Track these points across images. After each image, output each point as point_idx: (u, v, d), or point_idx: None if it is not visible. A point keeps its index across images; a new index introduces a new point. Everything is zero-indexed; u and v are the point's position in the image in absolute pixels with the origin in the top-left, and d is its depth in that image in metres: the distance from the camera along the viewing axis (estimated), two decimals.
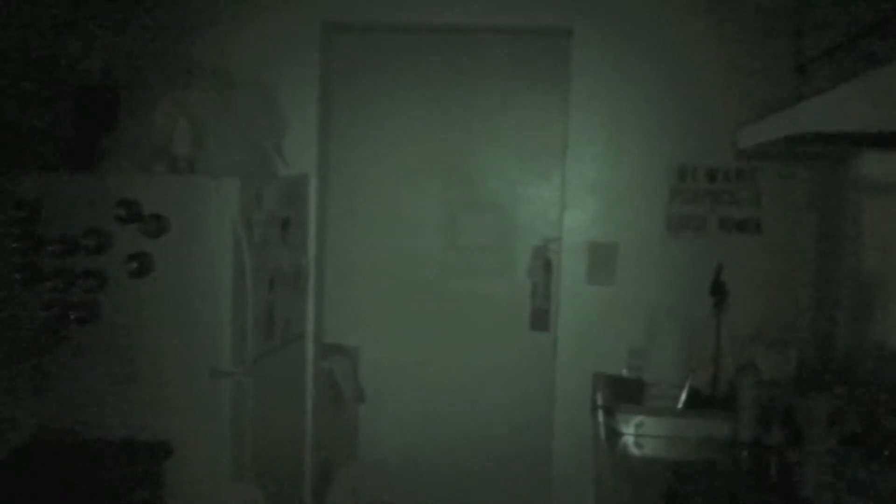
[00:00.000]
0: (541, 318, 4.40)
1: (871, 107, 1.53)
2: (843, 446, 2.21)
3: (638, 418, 2.85)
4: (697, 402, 3.05)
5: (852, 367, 2.86)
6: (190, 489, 3.00)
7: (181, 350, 3.00)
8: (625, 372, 3.52)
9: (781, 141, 1.87)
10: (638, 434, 2.83)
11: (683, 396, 3.05)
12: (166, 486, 2.95)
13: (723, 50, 3.48)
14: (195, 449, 3.00)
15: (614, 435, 2.83)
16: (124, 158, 3.25)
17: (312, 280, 3.79)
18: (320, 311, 3.91)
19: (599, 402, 3.19)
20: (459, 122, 4.51)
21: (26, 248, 2.98)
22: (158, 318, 3.00)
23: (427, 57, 4.48)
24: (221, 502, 3.02)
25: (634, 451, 2.75)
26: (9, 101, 3.32)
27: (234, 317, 2.98)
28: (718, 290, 3.22)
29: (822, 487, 2.17)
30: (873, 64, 1.64)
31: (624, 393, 3.23)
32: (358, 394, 4.49)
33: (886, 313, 2.65)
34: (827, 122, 1.56)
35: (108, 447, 2.94)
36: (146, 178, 3.08)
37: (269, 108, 3.61)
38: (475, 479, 4.56)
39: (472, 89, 4.47)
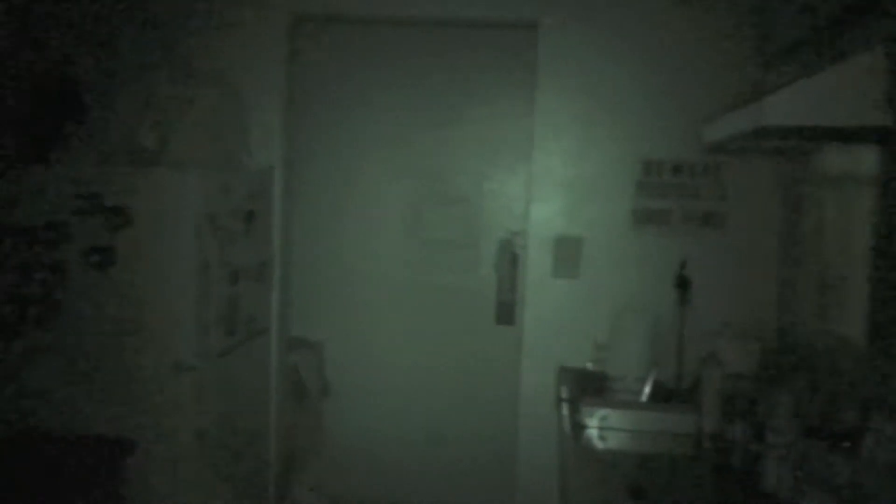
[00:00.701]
0: (506, 312, 4.40)
1: (832, 101, 1.54)
2: (805, 438, 2.23)
3: (602, 411, 2.86)
4: (661, 396, 3.08)
5: (814, 360, 2.89)
6: (153, 484, 2.97)
7: (144, 344, 2.97)
8: (589, 365, 3.53)
9: (746, 135, 1.88)
10: (602, 427, 2.84)
11: (647, 389, 3.07)
12: (129, 481, 2.92)
13: (689, 44, 3.50)
14: (158, 444, 2.97)
15: (578, 428, 2.84)
16: (89, 151, 3.20)
17: (277, 274, 3.77)
18: (285, 305, 3.89)
19: (564, 395, 3.19)
20: (426, 116, 4.50)
21: None
22: (120, 312, 2.96)
23: (394, 50, 4.47)
24: (185, 497, 2.99)
25: (598, 443, 2.76)
26: None
27: (198, 311, 2.96)
28: (683, 284, 3.23)
29: (784, 479, 2.19)
30: (837, 59, 1.65)
31: (588, 386, 3.24)
32: (323, 388, 4.47)
33: (847, 306, 2.68)
34: (789, 117, 1.57)
35: (70, 443, 2.90)
36: (108, 171, 3.04)
37: (235, 102, 3.58)
38: (440, 472, 4.56)
39: (438, 83, 4.46)
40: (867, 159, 2.49)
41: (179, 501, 2.99)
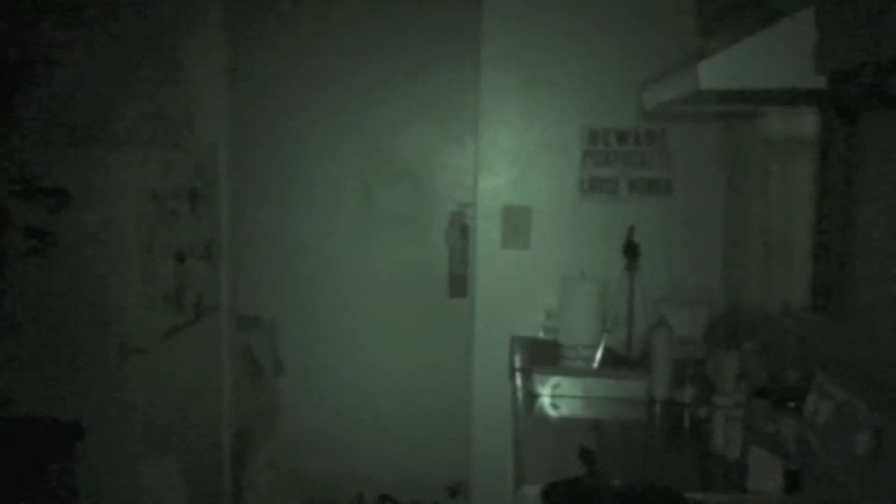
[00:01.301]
0: (459, 284, 4.41)
1: (765, 64, 1.55)
2: (750, 399, 2.26)
3: (554, 379, 2.87)
4: (612, 362, 3.10)
5: (759, 323, 2.93)
6: (103, 467, 2.94)
7: (89, 327, 2.92)
8: (541, 334, 3.54)
9: (683, 100, 1.88)
10: (554, 395, 2.86)
11: (598, 356, 3.09)
12: (78, 465, 2.88)
13: (632, 11, 3.50)
14: (108, 427, 2.94)
15: (532, 397, 2.85)
16: (21, 131, 3.13)
17: (225, 252, 3.73)
18: (235, 283, 3.85)
19: (517, 364, 3.21)
20: (373, 90, 4.47)
21: None
22: (64, 295, 2.91)
23: (338, 22, 4.43)
24: (136, 480, 2.97)
25: (551, 411, 2.77)
26: None
27: (143, 291, 2.92)
28: (631, 251, 3.25)
29: (731, 440, 2.22)
30: (770, 22, 1.65)
31: (541, 355, 3.25)
32: (276, 366, 4.45)
33: (791, 270, 2.71)
34: (725, 80, 1.58)
35: (17, 427, 2.85)
36: (45, 151, 2.97)
37: (176, 77, 3.51)
38: (397, 446, 4.57)
39: (383, 55, 4.44)
40: (806, 122, 2.51)
41: (132, 484, 2.96)
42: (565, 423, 2.70)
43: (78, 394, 2.94)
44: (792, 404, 2.14)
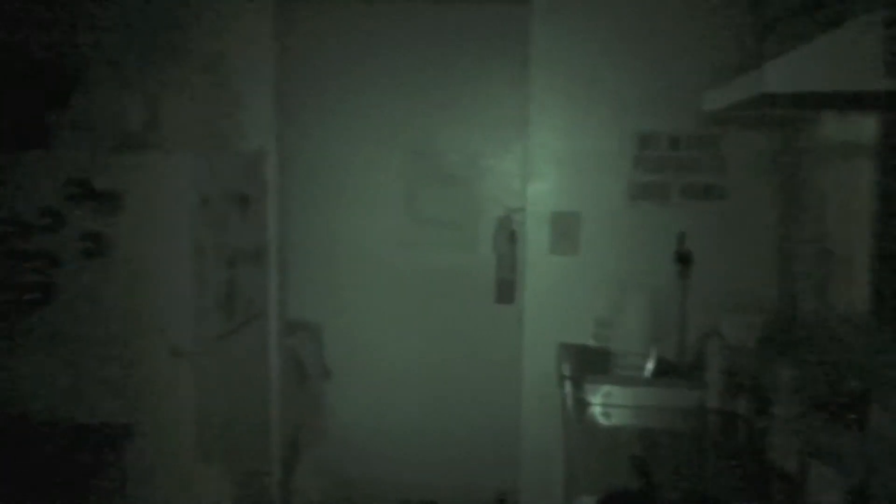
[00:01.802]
0: (506, 290, 4.39)
1: (835, 66, 1.51)
2: (809, 411, 2.21)
3: (605, 388, 2.84)
4: (664, 371, 3.05)
5: (816, 332, 2.87)
6: (154, 471, 2.96)
7: (141, 330, 2.94)
8: (591, 342, 3.50)
9: (746, 103, 1.84)
10: (605, 404, 2.82)
11: (650, 365, 3.04)
12: (129, 469, 2.90)
13: (684, 14, 3.45)
14: (158, 430, 2.95)
15: (582, 405, 2.82)
16: (77, 136, 3.16)
17: (274, 257, 3.74)
18: (283, 287, 3.86)
19: (566, 372, 3.17)
20: (419, 95, 4.47)
21: None
22: (116, 298, 2.93)
23: (384, 29, 4.43)
24: (186, 483, 2.98)
25: (602, 420, 2.74)
26: None
27: (194, 295, 2.93)
28: (683, 258, 3.21)
29: (789, 453, 2.17)
30: (834, 24, 1.61)
31: (591, 363, 3.22)
32: (323, 371, 4.46)
33: (849, 277, 2.65)
34: (791, 83, 1.54)
35: (68, 431, 2.88)
36: (99, 156, 3.00)
37: (225, 84, 3.53)
38: (444, 452, 4.56)
39: (431, 61, 4.43)
40: (868, 127, 2.45)
41: (182, 488, 2.97)
42: (616, 433, 2.67)
43: (129, 397, 2.96)
44: (853, 416, 2.08)
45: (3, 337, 2.95)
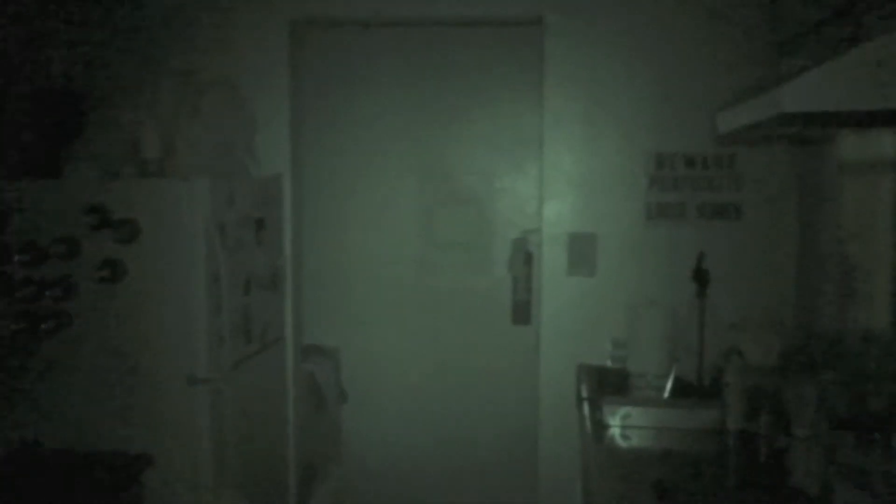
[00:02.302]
0: (522, 312, 4.37)
1: (854, 85, 1.50)
2: (833, 431, 2.18)
3: (624, 409, 2.82)
4: (683, 391, 3.03)
5: (838, 351, 2.84)
6: (171, 499, 2.94)
7: (157, 358, 2.94)
8: (609, 363, 3.48)
9: (762, 124, 1.83)
10: (624, 425, 2.80)
11: (669, 386, 3.02)
12: (147, 496, 2.89)
13: (698, 33, 3.45)
14: (175, 458, 2.94)
15: (600, 427, 2.80)
16: (91, 164, 3.18)
17: (290, 281, 3.73)
18: (299, 312, 3.86)
19: (584, 393, 3.16)
20: (433, 117, 4.48)
21: None
22: (133, 325, 2.93)
23: (397, 52, 4.45)
24: None
25: (621, 442, 2.72)
26: None
27: (210, 322, 2.92)
28: (701, 278, 3.19)
29: (812, 474, 2.15)
30: (852, 43, 1.60)
31: (609, 384, 3.20)
32: (340, 394, 4.45)
33: (870, 295, 2.63)
34: (810, 102, 1.53)
35: (85, 459, 2.88)
36: (115, 183, 3.01)
37: (239, 108, 3.54)
38: (461, 476, 4.53)
39: (444, 83, 4.44)
40: (887, 144, 2.44)
41: None
42: (636, 454, 2.64)
43: (145, 425, 2.95)
44: (877, 435, 2.06)
45: (19, 365, 2.96)
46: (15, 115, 3.31)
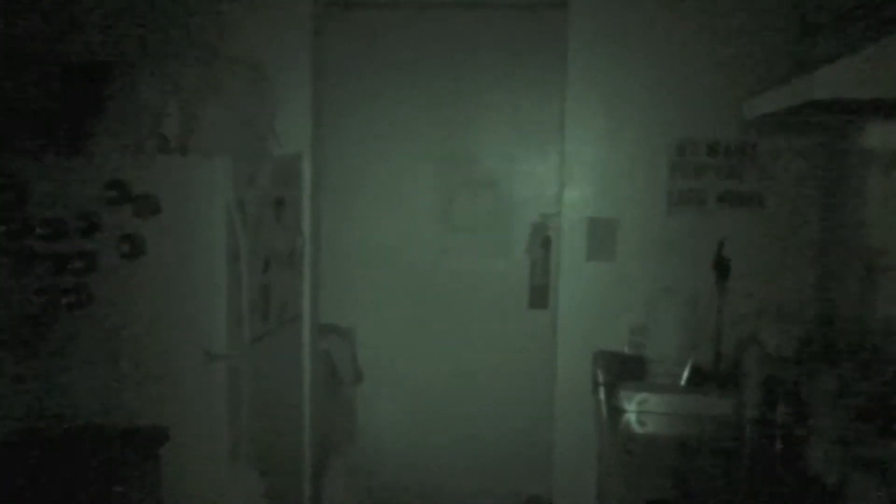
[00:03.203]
0: (540, 296, 4.37)
1: (885, 74, 1.48)
2: (851, 422, 2.17)
3: (640, 395, 2.82)
4: (700, 379, 3.02)
5: (858, 341, 2.83)
6: (187, 473, 2.96)
7: (176, 333, 2.95)
8: (626, 349, 3.47)
9: (790, 111, 1.82)
10: (640, 411, 2.80)
11: (686, 373, 3.01)
12: (163, 470, 2.91)
13: (724, 20, 3.42)
14: (192, 433, 2.96)
15: (616, 412, 2.80)
16: (113, 140, 3.18)
17: (308, 261, 3.74)
18: (316, 291, 3.86)
19: (601, 379, 3.15)
20: (454, 100, 4.46)
21: (14, 231, 2.92)
22: (152, 300, 2.94)
23: (420, 34, 4.43)
24: (219, 486, 2.98)
25: (637, 428, 2.72)
26: None
27: (230, 299, 2.93)
28: (721, 266, 3.17)
29: (830, 464, 2.14)
30: (881, 31, 1.58)
31: (626, 370, 3.20)
32: (355, 375, 4.46)
33: (891, 285, 2.61)
34: (842, 89, 1.51)
35: (103, 433, 2.90)
36: (136, 159, 3.01)
37: (262, 87, 3.54)
38: (475, 458, 4.54)
39: (466, 66, 4.43)
40: None
41: (215, 490, 2.98)
42: (651, 441, 2.64)
43: (163, 400, 2.97)
44: None
45: (40, 340, 2.97)
46: (39, 90, 3.32)
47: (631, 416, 2.79)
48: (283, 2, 3.63)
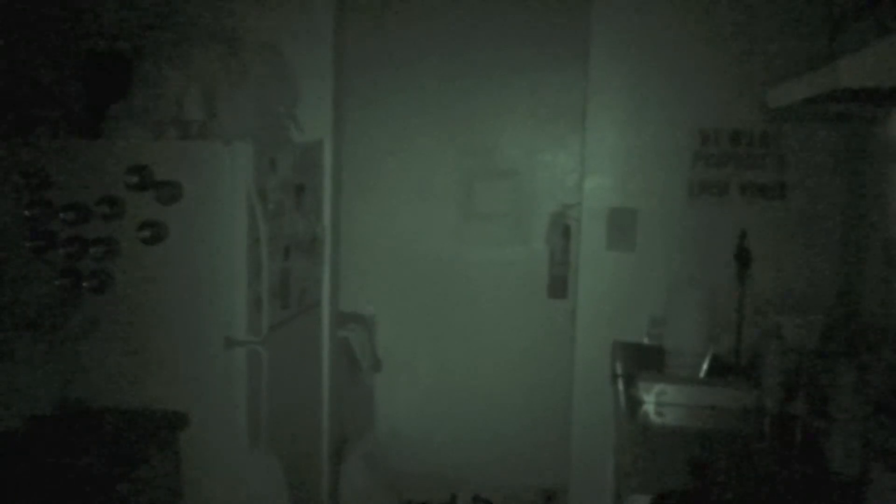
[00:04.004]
0: (559, 286, 4.36)
1: None
2: (873, 414, 2.15)
3: (659, 386, 2.80)
4: (720, 370, 3.00)
5: (879, 333, 2.80)
6: (206, 458, 2.98)
7: (196, 319, 2.97)
8: (645, 340, 3.46)
9: (816, 99, 1.80)
10: (659, 402, 2.78)
11: (705, 365, 2.99)
12: (182, 455, 2.93)
13: (748, 8, 3.39)
14: (211, 418, 2.97)
15: (635, 403, 2.79)
16: (135, 125, 3.19)
17: (328, 248, 3.75)
18: (336, 279, 3.87)
19: (619, 370, 3.14)
20: (476, 88, 4.45)
21: (37, 215, 2.94)
22: (173, 286, 2.96)
23: (442, 20, 4.42)
24: (238, 471, 3.00)
25: (655, 419, 2.70)
26: (17, 65, 3.27)
27: (250, 285, 2.94)
28: (742, 257, 3.15)
29: (851, 456, 2.12)
30: None
31: (644, 361, 3.18)
32: (374, 362, 4.47)
33: None
34: (868, 77, 1.50)
35: (123, 417, 2.92)
36: (158, 145, 3.03)
37: (283, 74, 3.54)
38: (493, 447, 4.54)
39: (488, 53, 4.41)
40: None
41: (234, 476, 2.99)
42: (669, 432, 2.63)
43: (182, 385, 2.99)
44: None
45: (61, 324, 3.00)
46: (62, 75, 3.34)
47: (649, 407, 2.78)
48: None
